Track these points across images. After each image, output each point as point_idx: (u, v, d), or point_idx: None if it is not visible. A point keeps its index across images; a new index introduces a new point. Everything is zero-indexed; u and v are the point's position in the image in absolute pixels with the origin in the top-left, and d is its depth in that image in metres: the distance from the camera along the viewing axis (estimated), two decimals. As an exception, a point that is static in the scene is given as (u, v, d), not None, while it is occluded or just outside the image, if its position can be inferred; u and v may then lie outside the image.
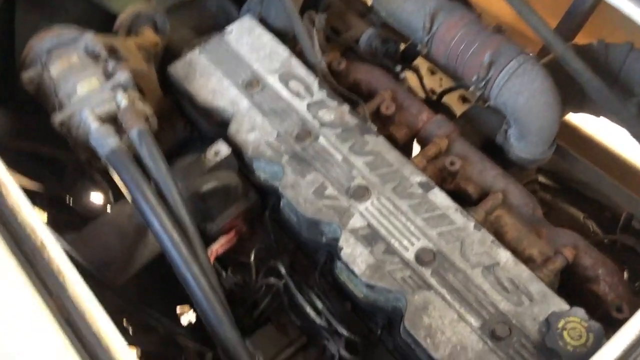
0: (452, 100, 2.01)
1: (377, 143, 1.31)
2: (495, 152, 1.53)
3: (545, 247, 1.32)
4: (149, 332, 1.58)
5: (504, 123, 1.53)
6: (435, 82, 2.09)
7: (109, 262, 1.22)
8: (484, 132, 1.63)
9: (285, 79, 1.41)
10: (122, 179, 1.11)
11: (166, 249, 1.07)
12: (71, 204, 1.74)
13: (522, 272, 1.15)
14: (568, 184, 1.91)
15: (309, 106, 1.36)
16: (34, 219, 1.03)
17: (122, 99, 1.23)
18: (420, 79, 1.95)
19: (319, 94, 1.38)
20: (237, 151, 1.34)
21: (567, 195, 1.90)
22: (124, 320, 1.67)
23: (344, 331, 1.21)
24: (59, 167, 1.71)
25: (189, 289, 1.07)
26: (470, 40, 1.44)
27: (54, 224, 1.85)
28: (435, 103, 1.85)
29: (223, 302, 1.09)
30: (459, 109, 1.96)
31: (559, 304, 1.11)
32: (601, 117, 1.65)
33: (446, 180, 1.41)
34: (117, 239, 1.24)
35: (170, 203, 1.13)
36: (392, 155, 1.29)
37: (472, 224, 1.21)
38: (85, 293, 0.97)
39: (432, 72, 2.08)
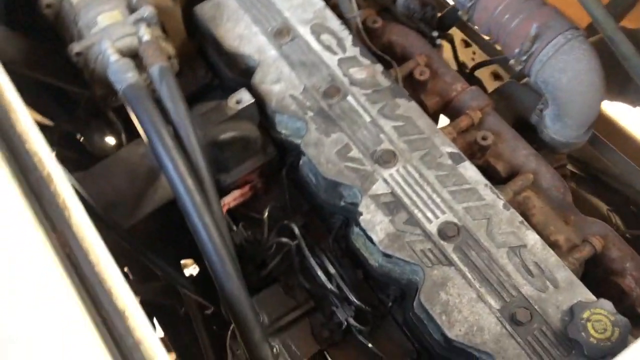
0: (483, 76, 1.93)
1: (409, 108, 1.24)
2: (527, 131, 1.46)
3: (573, 235, 1.26)
4: (149, 281, 1.54)
5: (540, 102, 1.45)
6: (468, 55, 2.01)
7: (116, 203, 1.16)
8: (517, 109, 1.56)
9: (317, 30, 1.33)
10: (137, 117, 1.04)
11: (179, 195, 1.01)
12: (83, 144, 1.68)
13: (550, 257, 1.09)
14: (595, 173, 1.84)
15: (340, 62, 1.29)
16: (43, 149, 0.97)
17: (145, 34, 1.16)
18: (454, 49, 1.87)
19: (352, 50, 1.30)
20: (260, 102, 1.27)
21: (593, 185, 1.83)
22: (126, 267, 1.63)
23: (354, 299, 1.16)
24: (73, 103, 1.64)
25: (199, 239, 1.02)
26: (517, 9, 1.35)
27: (63, 162, 1.80)
28: (467, 76, 1.77)
29: (233, 256, 1.03)
30: (490, 85, 1.88)
31: (585, 294, 1.05)
32: (637, 108, 1.58)
33: (475, 155, 1.34)
34: (127, 179, 1.18)
35: (187, 147, 1.07)
36: (423, 122, 1.22)
37: (501, 202, 1.14)
38: (90, 231, 0.92)
39: (466, 44, 1.99)
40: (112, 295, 0.88)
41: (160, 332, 1.71)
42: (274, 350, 1.15)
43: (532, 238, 1.11)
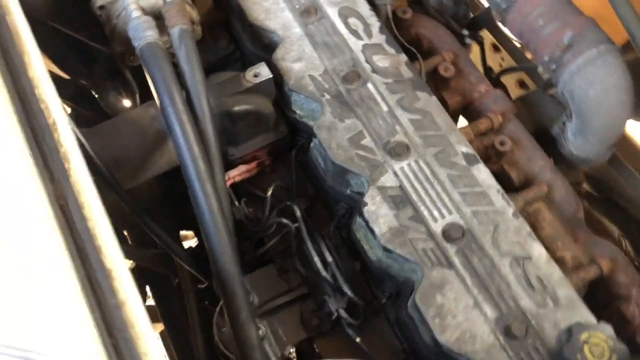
0: (509, 83, 1.88)
1: (429, 102, 1.20)
2: (546, 143, 1.42)
3: (580, 253, 1.22)
4: (146, 247, 1.52)
5: (564, 114, 1.41)
6: (496, 60, 1.96)
7: (121, 163, 1.14)
8: (540, 120, 1.52)
9: (345, 13, 1.30)
10: (151, 76, 1.02)
11: (183, 160, 0.99)
12: (98, 102, 1.66)
13: (554, 272, 1.06)
14: (610, 194, 1.79)
15: (364, 47, 1.25)
16: (52, 97, 0.95)
17: (170, -6, 1.14)
18: (483, 52, 1.83)
19: (378, 37, 1.27)
20: (278, 79, 1.24)
21: (607, 206, 1.79)
22: (125, 231, 1.62)
23: (348, 290, 1.13)
24: (93, 60, 1.63)
25: (198, 207, 0.99)
26: (553, 16, 1.31)
27: (77, 117, 1.79)
28: (493, 81, 1.73)
29: (230, 230, 1.01)
30: (514, 93, 1.84)
31: (586, 316, 1.02)
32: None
33: (490, 159, 1.30)
34: (134, 139, 1.16)
35: (197, 114, 1.04)
36: (442, 118, 1.19)
37: (511, 210, 1.11)
38: (87, 186, 0.90)
39: (496, 49, 1.95)
40: (101, 253, 0.86)
41: (151, 301, 1.70)
42: (260, 332, 1.13)
43: (537, 251, 1.08)
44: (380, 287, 1.21)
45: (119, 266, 0.85)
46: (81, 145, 1.05)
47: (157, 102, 1.02)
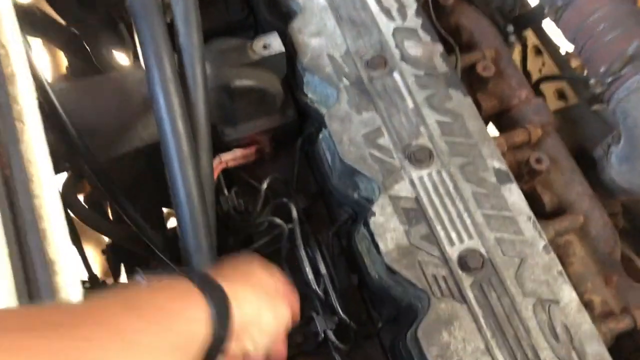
0: (547, 92, 1.71)
1: (463, 104, 1.03)
2: (582, 166, 1.25)
3: (612, 299, 1.06)
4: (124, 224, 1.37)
5: (610, 136, 1.23)
6: (536, 65, 1.78)
7: (97, 129, 0.98)
8: (579, 138, 1.34)
9: (378, -12, 1.12)
10: (138, 32, 0.86)
11: (163, 135, 0.83)
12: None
13: (584, 322, 0.89)
14: (644, 231, 1.62)
15: (395, 31, 1.08)
16: (14, 39, 0.79)
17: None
18: (524, 54, 1.65)
19: (413, 21, 1.09)
20: (291, 54, 1.07)
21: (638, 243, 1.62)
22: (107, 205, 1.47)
23: (340, 310, 0.97)
24: (91, 4, 1.46)
25: (175, 194, 0.84)
26: (617, 21, 1.12)
27: (68, 67, 1.63)
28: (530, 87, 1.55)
29: (210, 224, 0.85)
30: (552, 104, 1.66)
31: (617, 381, 0.86)
32: None
33: (521, 178, 1.13)
34: (116, 104, 0.99)
35: (189, 83, 0.88)
36: (474, 124, 1.02)
37: (542, 243, 0.94)
38: (41, 157, 0.74)
39: (537, 52, 1.76)
40: (45, 240, 0.70)
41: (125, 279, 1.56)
42: (234, 343, 0.97)
43: (568, 295, 0.91)
44: (378, 308, 1.05)
45: (63, 260, 0.70)
46: (49, 104, 0.90)
47: (142, 64, 0.85)
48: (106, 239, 1.54)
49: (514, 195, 0.97)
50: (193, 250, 0.84)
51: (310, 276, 0.98)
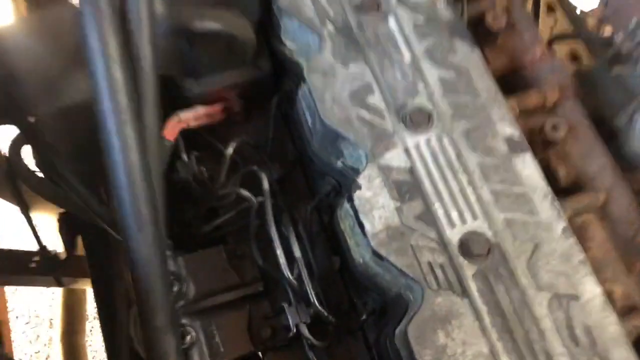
0: (560, 53, 1.54)
1: (470, 58, 0.86)
2: (601, 137, 1.10)
3: (635, 290, 0.91)
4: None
5: (636, 101, 1.07)
6: (547, 24, 1.60)
7: (22, 78, 0.80)
8: (599, 105, 1.18)
9: None
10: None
11: (95, 85, 0.66)
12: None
13: (609, 324, 0.75)
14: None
15: (391, -33, 0.90)
16: None
17: None
18: (536, 9, 1.47)
19: (413, -43, 0.92)
20: (266, -5, 0.90)
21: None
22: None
23: (315, 302, 0.82)
24: None
25: (109, 160, 0.67)
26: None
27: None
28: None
29: (155, 198, 0.69)
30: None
31: (646, 393, 0.71)
32: None
33: (535, 147, 0.97)
34: (47, 49, 0.82)
35: (132, 20, 0.70)
36: (483, 82, 0.85)
37: (561, 226, 0.79)
38: None
39: (550, 9, 1.59)
40: None
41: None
42: (188, 337, 0.82)
43: (591, 289, 0.76)
44: (362, 297, 0.90)
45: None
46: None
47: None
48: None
49: (528, 167, 0.81)
50: (133, 228, 0.68)
51: (282, 260, 0.82)
